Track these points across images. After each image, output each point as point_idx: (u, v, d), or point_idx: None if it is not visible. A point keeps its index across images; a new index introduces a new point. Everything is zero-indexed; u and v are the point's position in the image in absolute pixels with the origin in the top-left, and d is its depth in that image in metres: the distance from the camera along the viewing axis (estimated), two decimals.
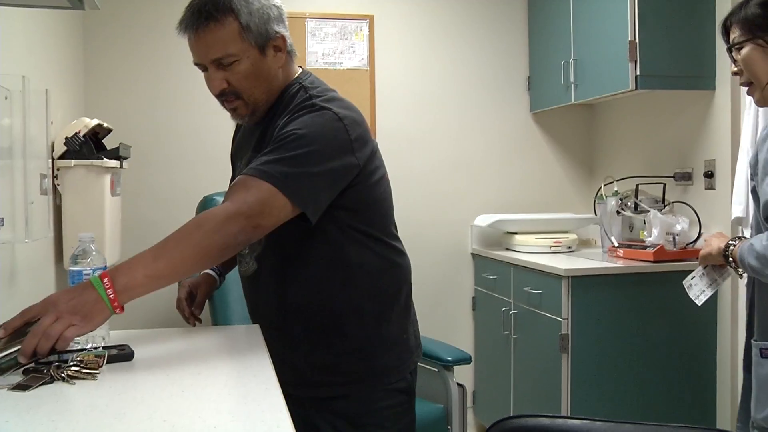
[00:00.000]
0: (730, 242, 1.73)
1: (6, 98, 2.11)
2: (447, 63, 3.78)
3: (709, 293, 1.88)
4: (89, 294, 1.39)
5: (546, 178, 3.90)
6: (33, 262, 2.49)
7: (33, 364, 1.36)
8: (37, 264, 2.55)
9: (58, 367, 1.32)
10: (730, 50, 1.68)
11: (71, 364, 1.34)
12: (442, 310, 3.77)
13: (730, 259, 1.72)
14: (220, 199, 3.00)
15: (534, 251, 3.36)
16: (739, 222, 2.58)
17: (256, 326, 1.86)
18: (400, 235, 1.96)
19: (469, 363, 2.70)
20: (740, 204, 2.53)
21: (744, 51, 1.62)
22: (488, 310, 3.58)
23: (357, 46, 3.64)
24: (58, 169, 2.65)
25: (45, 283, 2.66)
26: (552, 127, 3.90)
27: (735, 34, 1.65)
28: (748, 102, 2.53)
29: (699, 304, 1.92)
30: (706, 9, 2.93)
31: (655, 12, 2.90)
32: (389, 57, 3.70)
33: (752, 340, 1.67)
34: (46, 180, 2.51)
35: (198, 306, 1.93)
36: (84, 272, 1.56)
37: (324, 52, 3.60)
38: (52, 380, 1.29)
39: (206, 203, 3.04)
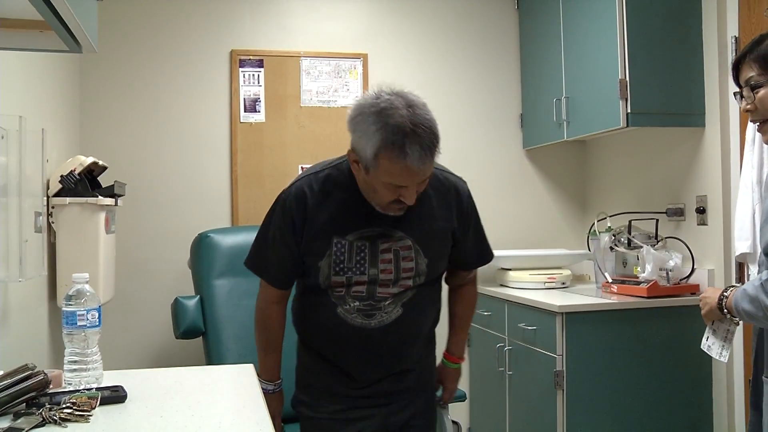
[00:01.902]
0: (723, 294, 1.74)
1: (2, 137, 2.12)
2: (440, 100, 3.82)
3: (728, 347, 1.84)
4: None
5: (539, 214, 3.92)
6: (26, 300, 2.48)
7: (24, 406, 1.36)
8: (30, 302, 2.54)
9: (50, 409, 1.32)
10: (742, 86, 1.67)
11: (64, 406, 1.33)
12: (437, 346, 3.74)
13: (725, 310, 1.73)
14: (215, 236, 3.04)
15: (528, 287, 3.37)
16: (744, 258, 2.58)
17: (250, 366, 1.86)
18: None
19: (464, 400, 2.69)
20: (747, 240, 2.53)
21: (762, 91, 1.61)
22: (483, 346, 3.57)
23: (351, 84, 3.68)
24: (53, 207, 2.66)
25: (38, 322, 2.65)
26: (545, 164, 3.93)
27: (753, 72, 1.63)
28: (750, 138, 2.54)
29: (725, 361, 1.88)
30: (695, 47, 2.98)
31: (644, 50, 2.95)
32: None
33: (763, 377, 1.66)
34: (41, 218, 2.51)
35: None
36: (78, 313, 1.55)
37: (318, 90, 3.64)
38: (44, 423, 1.28)
39: (201, 240, 3.05)
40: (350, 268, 1.85)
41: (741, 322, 1.78)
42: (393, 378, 1.99)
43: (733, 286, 1.74)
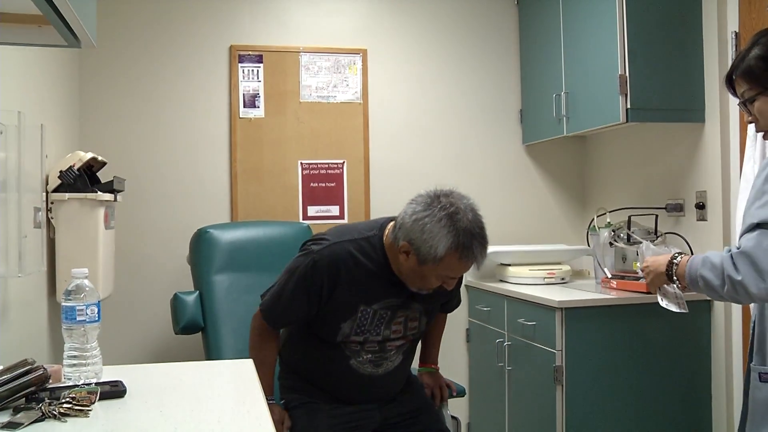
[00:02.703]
0: (673, 261, 1.74)
1: (1, 133, 2.12)
2: (440, 96, 3.82)
3: (683, 302, 1.86)
4: None
5: (539, 209, 3.92)
6: (26, 296, 2.48)
7: (24, 400, 1.36)
8: (30, 298, 2.54)
9: (50, 404, 1.31)
10: (743, 104, 1.72)
11: (63, 400, 1.33)
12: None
13: (675, 277, 1.73)
14: (215, 231, 3.05)
15: (527, 283, 3.37)
16: None
17: (249, 361, 1.86)
18: None
19: (464, 395, 2.69)
20: None
21: (757, 104, 1.67)
22: (482, 341, 3.57)
23: (350, 80, 3.68)
24: (52, 203, 2.66)
25: (38, 317, 2.65)
26: (544, 159, 3.93)
27: (743, 88, 1.69)
28: (752, 134, 2.54)
29: (686, 311, 1.87)
30: (695, 43, 2.97)
31: (644, 46, 2.95)
32: (382, 90, 3.73)
33: (750, 365, 1.68)
34: (40, 213, 2.51)
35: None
36: (77, 308, 1.55)
37: (318, 85, 3.63)
38: (43, 417, 1.28)
39: (200, 236, 3.04)
40: (369, 330, 2.12)
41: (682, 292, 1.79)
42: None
43: (681, 253, 1.74)
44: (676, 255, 1.74)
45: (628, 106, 2.93)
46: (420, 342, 2.42)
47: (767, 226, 1.51)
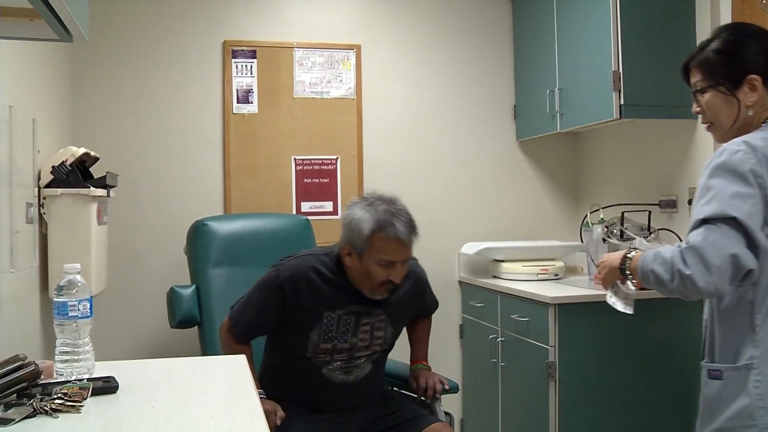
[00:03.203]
0: (627, 256, 1.75)
1: None
2: (434, 92, 3.82)
3: (631, 303, 1.87)
4: None
5: (532, 205, 3.92)
6: (18, 291, 2.47)
7: (15, 396, 1.35)
8: (22, 293, 2.53)
9: (42, 399, 1.31)
10: (693, 94, 1.77)
11: (55, 396, 1.33)
12: (430, 338, 3.75)
13: (628, 272, 1.74)
14: (212, 224, 3.05)
15: (521, 279, 3.37)
16: None
17: (243, 357, 1.86)
18: None
19: (457, 391, 2.69)
20: None
21: (706, 96, 1.72)
22: (476, 337, 3.58)
23: (344, 76, 3.67)
24: (44, 198, 2.65)
25: (30, 313, 2.64)
26: (538, 156, 3.93)
27: (696, 78, 1.74)
28: None
29: (631, 312, 1.88)
30: (689, 39, 2.97)
31: (638, 42, 2.95)
32: (376, 86, 3.72)
33: (702, 362, 1.73)
34: (32, 209, 2.50)
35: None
36: (69, 304, 1.55)
37: (311, 81, 3.62)
38: (35, 413, 1.28)
39: (197, 228, 3.03)
40: (336, 336, 2.26)
41: (635, 289, 1.80)
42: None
43: (636, 249, 1.76)
44: (631, 250, 1.76)
45: (622, 103, 2.93)
46: (409, 344, 2.61)
47: (713, 221, 1.53)
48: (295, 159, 3.59)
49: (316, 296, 2.24)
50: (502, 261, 3.50)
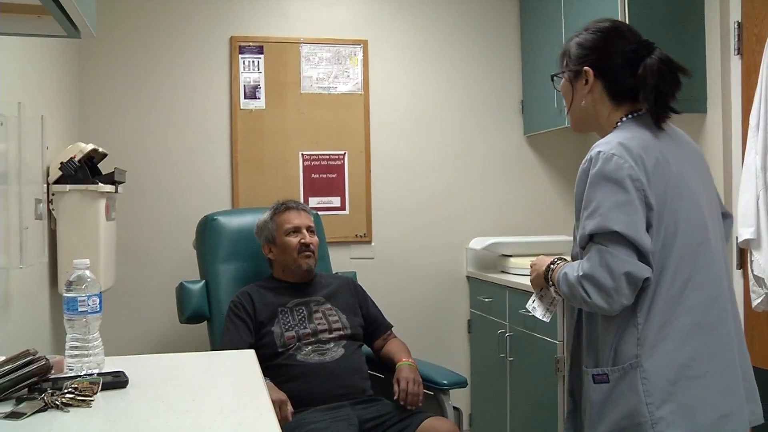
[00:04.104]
0: (551, 265, 1.80)
1: (2, 124, 2.12)
2: (441, 87, 3.81)
3: (552, 311, 1.92)
4: None
5: (540, 200, 3.92)
6: (28, 287, 2.48)
7: (26, 391, 1.36)
8: (31, 289, 2.54)
9: (52, 394, 1.32)
10: (551, 78, 1.89)
11: (65, 391, 1.33)
12: (438, 334, 3.77)
13: (551, 282, 1.79)
14: (222, 218, 3.06)
15: (529, 274, 3.36)
16: (747, 244, 2.56)
17: (251, 351, 1.86)
18: (395, 258, 3.71)
19: (465, 386, 2.70)
20: (750, 226, 2.51)
21: (562, 82, 1.82)
22: (484, 332, 3.58)
23: (351, 71, 3.67)
24: (53, 194, 2.65)
25: (40, 309, 2.66)
26: (546, 150, 3.92)
27: (559, 65, 1.85)
28: (754, 124, 2.53)
29: (548, 321, 1.95)
30: (697, 32, 2.96)
31: (646, 35, 2.89)
32: (383, 81, 3.72)
33: (584, 367, 1.74)
34: (41, 205, 2.51)
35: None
36: (79, 299, 1.55)
37: (318, 76, 3.62)
38: (46, 407, 1.29)
39: (207, 223, 3.04)
40: (296, 324, 2.60)
41: (560, 297, 1.83)
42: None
43: (562, 259, 1.79)
44: (556, 260, 1.80)
45: None
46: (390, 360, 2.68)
47: (598, 238, 1.58)
48: (302, 154, 3.59)
49: (266, 299, 2.65)
50: (510, 256, 3.49)
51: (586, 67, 1.72)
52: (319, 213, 3.26)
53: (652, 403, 1.58)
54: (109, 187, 2.77)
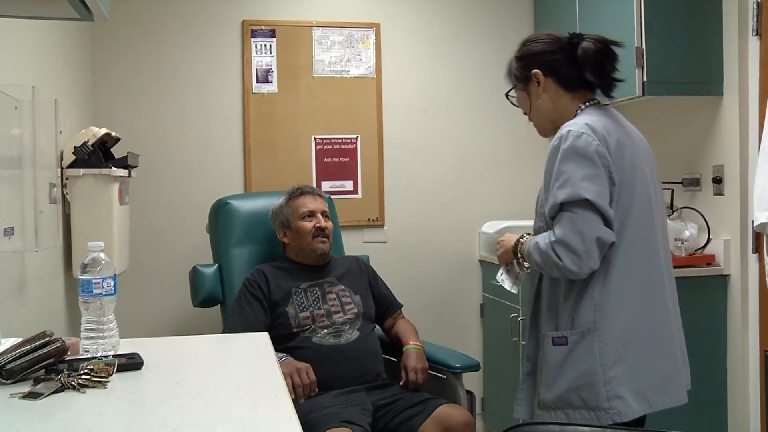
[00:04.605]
0: (520, 239, 1.94)
1: (16, 108, 2.12)
2: (454, 70, 3.79)
3: (519, 284, 2.06)
4: None
5: None
6: (42, 271, 2.50)
7: (43, 372, 1.37)
8: (46, 273, 2.56)
9: (69, 375, 1.33)
10: (506, 96, 2.11)
11: (82, 372, 1.34)
12: (450, 317, 3.77)
13: (519, 255, 1.93)
14: (235, 202, 3.07)
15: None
16: (763, 228, 2.54)
17: (265, 334, 1.87)
18: (407, 242, 3.73)
19: (478, 370, 2.70)
20: (766, 210, 2.50)
21: (518, 95, 2.03)
22: (496, 316, 3.57)
23: (364, 54, 3.65)
24: (66, 179, 2.67)
25: (55, 292, 2.67)
26: None
27: (508, 85, 2.07)
28: None
29: (515, 292, 2.09)
30: (713, 14, 2.92)
31: (661, 18, 2.90)
32: (396, 65, 3.70)
33: (543, 332, 1.89)
34: (55, 189, 2.52)
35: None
36: (94, 281, 1.56)
37: (330, 60, 3.61)
38: (63, 388, 1.29)
39: (219, 207, 3.05)
40: (309, 305, 2.63)
41: (529, 269, 1.97)
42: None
43: (529, 234, 1.95)
44: (524, 235, 1.95)
45: (645, 80, 2.89)
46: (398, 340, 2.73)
47: (569, 206, 1.74)
48: (315, 138, 3.59)
49: (280, 279, 2.67)
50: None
51: (534, 70, 1.92)
52: (332, 197, 3.26)
53: (605, 364, 1.76)
54: (122, 172, 2.78)
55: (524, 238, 1.92)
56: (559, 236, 1.74)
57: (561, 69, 1.90)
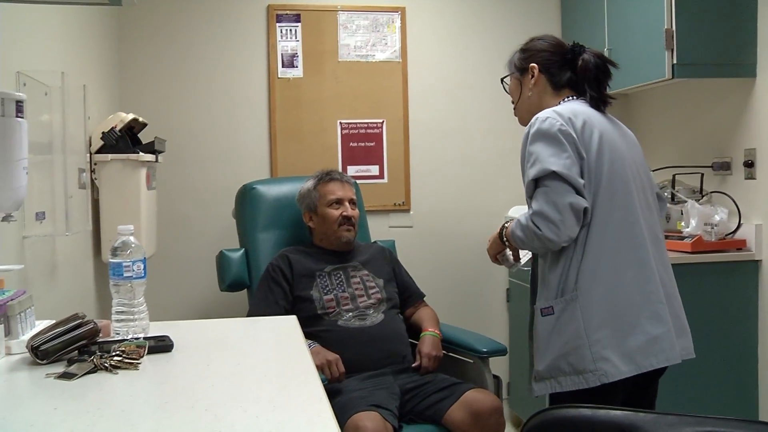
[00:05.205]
0: (505, 225, 2.05)
1: (46, 94, 2.14)
2: (479, 53, 3.75)
3: (517, 265, 2.19)
4: None
5: None
6: (72, 255, 2.53)
7: (77, 353, 1.38)
8: (76, 257, 2.59)
9: (101, 356, 1.34)
10: (501, 81, 2.27)
11: (114, 353, 1.36)
12: (477, 302, 3.76)
13: (505, 240, 2.05)
14: (261, 187, 3.08)
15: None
16: None
17: (293, 317, 1.87)
18: (434, 226, 3.69)
19: (505, 354, 2.69)
20: None
21: (510, 83, 2.22)
22: (522, 302, 3.54)
23: (389, 38, 3.63)
24: (95, 164, 2.69)
25: (85, 276, 2.71)
26: None
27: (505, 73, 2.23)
28: None
29: (522, 263, 2.19)
30: None
31: None
32: (421, 49, 3.68)
33: (534, 306, 2.00)
34: (84, 174, 2.54)
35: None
36: (124, 264, 1.57)
37: (356, 44, 3.60)
38: (95, 369, 1.31)
39: (246, 192, 3.06)
40: (333, 288, 2.65)
41: (513, 260, 2.15)
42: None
43: (511, 219, 2.06)
44: (509, 220, 2.06)
45: (675, 62, 2.84)
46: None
47: (541, 181, 1.87)
48: (340, 123, 3.58)
49: (304, 262, 2.70)
50: None
51: (532, 64, 2.08)
52: (358, 182, 3.25)
53: (589, 327, 1.85)
54: (150, 157, 2.80)
55: (507, 223, 2.04)
56: (535, 209, 1.86)
57: (555, 70, 2.06)
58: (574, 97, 2.04)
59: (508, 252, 2.14)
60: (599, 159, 1.90)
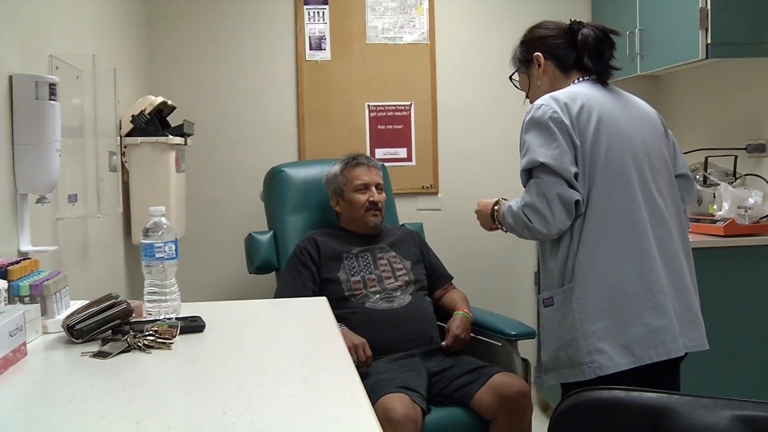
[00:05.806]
0: (494, 206, 2.07)
1: (77, 78, 2.16)
2: (508, 35, 3.67)
3: None
4: None
5: None
6: (104, 237, 2.56)
7: (110, 332, 1.40)
8: (107, 239, 2.62)
9: (135, 336, 1.36)
10: (510, 78, 2.24)
11: (147, 333, 1.37)
12: (505, 285, 3.74)
13: (497, 221, 2.06)
14: (288, 170, 3.09)
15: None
16: None
17: (323, 298, 1.88)
18: (462, 209, 3.43)
19: (534, 337, 2.67)
20: None
21: (519, 77, 2.20)
22: None
23: (417, 20, 3.60)
24: (125, 147, 2.71)
25: (116, 258, 2.74)
26: None
27: (513, 69, 2.22)
28: None
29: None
30: None
31: None
32: (450, 31, 3.65)
33: (537, 297, 1.99)
34: (115, 157, 2.56)
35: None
36: (156, 245, 1.59)
37: (383, 26, 3.57)
38: (129, 348, 1.33)
39: (274, 175, 3.07)
40: (360, 270, 2.66)
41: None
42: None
43: (504, 199, 2.05)
44: (499, 201, 2.06)
45: (708, 42, 2.79)
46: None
47: (533, 172, 1.86)
48: (368, 105, 3.57)
49: (331, 245, 2.71)
50: None
51: (536, 53, 2.06)
52: (386, 164, 3.25)
53: (584, 319, 1.82)
54: (179, 140, 2.81)
55: (499, 204, 2.05)
56: (526, 201, 1.87)
57: (560, 53, 2.03)
58: (584, 78, 2.00)
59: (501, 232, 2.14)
60: (595, 144, 1.85)
